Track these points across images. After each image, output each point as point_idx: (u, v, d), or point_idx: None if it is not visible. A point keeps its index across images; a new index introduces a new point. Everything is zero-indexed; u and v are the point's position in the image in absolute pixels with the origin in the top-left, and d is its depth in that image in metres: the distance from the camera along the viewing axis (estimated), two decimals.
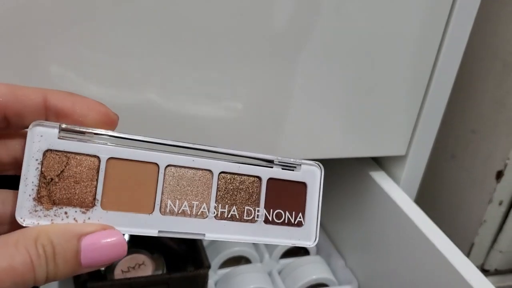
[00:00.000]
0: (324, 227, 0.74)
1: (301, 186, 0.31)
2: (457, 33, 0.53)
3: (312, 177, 0.32)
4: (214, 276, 0.66)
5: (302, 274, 0.67)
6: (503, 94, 0.68)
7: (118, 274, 0.58)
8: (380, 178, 0.62)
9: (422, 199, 0.64)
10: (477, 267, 0.74)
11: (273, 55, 0.49)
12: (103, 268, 0.57)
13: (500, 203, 0.72)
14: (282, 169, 0.31)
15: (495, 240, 0.75)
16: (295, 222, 0.31)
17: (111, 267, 0.58)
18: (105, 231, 0.26)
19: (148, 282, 0.57)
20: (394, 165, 0.62)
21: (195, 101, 0.49)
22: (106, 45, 0.44)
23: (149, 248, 0.62)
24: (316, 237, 0.31)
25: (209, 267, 0.60)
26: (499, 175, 0.70)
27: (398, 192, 0.59)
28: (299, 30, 0.48)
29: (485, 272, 0.77)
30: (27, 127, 0.26)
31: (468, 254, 0.75)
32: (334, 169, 0.70)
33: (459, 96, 0.69)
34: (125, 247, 0.26)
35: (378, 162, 0.65)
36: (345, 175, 0.68)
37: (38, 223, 0.25)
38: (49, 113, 0.27)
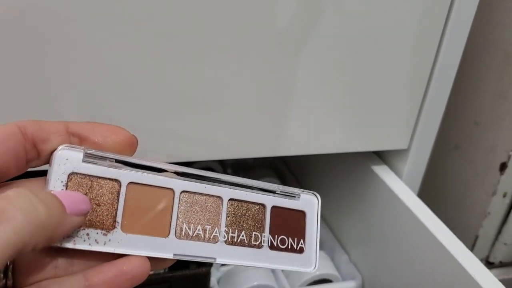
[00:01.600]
0: (327, 222, 0.74)
1: (301, 214, 0.33)
2: (458, 25, 0.53)
3: (311, 205, 0.33)
4: (216, 273, 0.66)
5: None
6: (505, 85, 0.67)
7: None
8: (383, 172, 0.61)
9: (425, 192, 0.64)
10: (482, 259, 0.74)
11: (273, 51, 0.48)
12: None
13: (504, 195, 0.71)
14: (283, 197, 0.33)
15: (499, 232, 0.74)
16: (297, 248, 0.32)
17: None
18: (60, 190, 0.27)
19: (150, 281, 0.57)
20: (397, 159, 0.61)
21: (195, 99, 0.49)
22: (100, 42, 0.44)
23: None
24: (316, 264, 0.33)
25: (211, 264, 0.60)
26: (503, 167, 0.69)
27: (401, 186, 0.59)
28: (299, 25, 0.48)
29: (490, 264, 0.77)
30: None
31: (472, 247, 0.74)
32: (336, 164, 0.69)
33: (461, 88, 0.69)
34: (87, 201, 0.27)
35: (381, 156, 0.64)
36: (348, 169, 0.67)
37: (61, 244, 0.26)
38: (72, 138, 0.28)
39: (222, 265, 0.67)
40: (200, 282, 0.59)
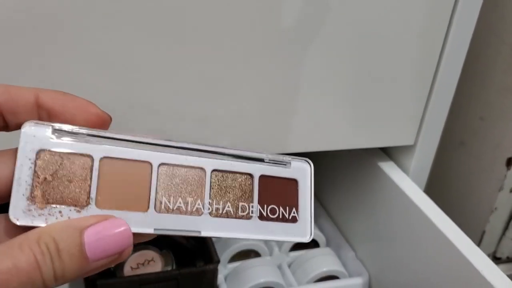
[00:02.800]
0: (333, 218, 0.74)
1: (293, 183, 0.31)
2: (464, 20, 0.52)
3: (303, 173, 0.32)
4: (223, 270, 0.66)
5: (312, 266, 0.66)
6: (511, 79, 0.67)
7: (127, 271, 0.58)
8: (389, 168, 0.61)
9: (431, 188, 0.64)
10: (489, 255, 0.74)
11: (278, 48, 0.48)
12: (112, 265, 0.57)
13: (511, 190, 0.71)
14: (273, 165, 0.31)
15: (506, 227, 0.74)
16: (290, 218, 0.31)
17: (120, 264, 0.58)
18: (108, 221, 0.25)
19: (158, 279, 0.57)
20: (403, 155, 0.61)
21: (200, 95, 0.49)
22: (107, 39, 0.44)
23: (158, 244, 0.61)
24: (311, 233, 0.31)
25: (218, 261, 0.60)
26: (510, 162, 0.69)
27: (407, 182, 0.59)
28: (304, 21, 0.48)
29: (497, 260, 0.76)
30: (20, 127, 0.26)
31: (479, 242, 0.74)
32: (342, 160, 0.69)
33: (467, 83, 0.68)
34: (130, 234, 0.26)
35: (387, 153, 0.64)
36: (354, 166, 0.67)
37: (33, 222, 0.25)
38: (41, 112, 0.27)
39: (229, 262, 0.67)
40: (208, 279, 0.59)
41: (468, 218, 0.75)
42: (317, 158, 0.77)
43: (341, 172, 0.71)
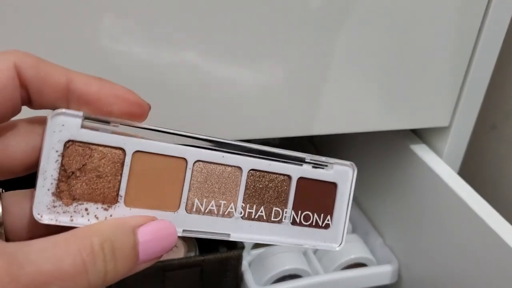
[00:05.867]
0: (360, 204, 0.72)
1: (332, 187, 0.30)
2: (503, 0, 0.51)
3: (344, 177, 0.30)
4: (247, 257, 0.64)
5: (339, 254, 0.64)
6: None
7: None
8: (422, 151, 0.59)
9: (462, 172, 0.62)
10: None
11: (311, 26, 0.47)
12: None
13: None
14: (313, 167, 0.30)
15: None
16: (323, 225, 0.30)
17: None
18: (159, 221, 0.25)
19: (181, 265, 0.56)
20: (436, 137, 0.59)
21: (231, 69, 0.47)
22: (144, 3, 0.42)
23: None
24: (342, 241, 0.30)
25: (242, 247, 0.59)
26: None
27: (441, 166, 0.57)
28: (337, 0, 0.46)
29: None
30: (46, 107, 0.25)
31: None
32: (372, 142, 0.67)
33: (501, 65, 0.66)
34: (176, 236, 0.25)
35: (419, 135, 0.62)
36: (384, 149, 0.65)
37: (57, 220, 0.24)
38: (71, 97, 0.24)
39: (253, 248, 0.65)
40: (232, 265, 0.58)
41: (499, 203, 0.73)
42: (342, 141, 0.75)
43: (369, 155, 0.69)
